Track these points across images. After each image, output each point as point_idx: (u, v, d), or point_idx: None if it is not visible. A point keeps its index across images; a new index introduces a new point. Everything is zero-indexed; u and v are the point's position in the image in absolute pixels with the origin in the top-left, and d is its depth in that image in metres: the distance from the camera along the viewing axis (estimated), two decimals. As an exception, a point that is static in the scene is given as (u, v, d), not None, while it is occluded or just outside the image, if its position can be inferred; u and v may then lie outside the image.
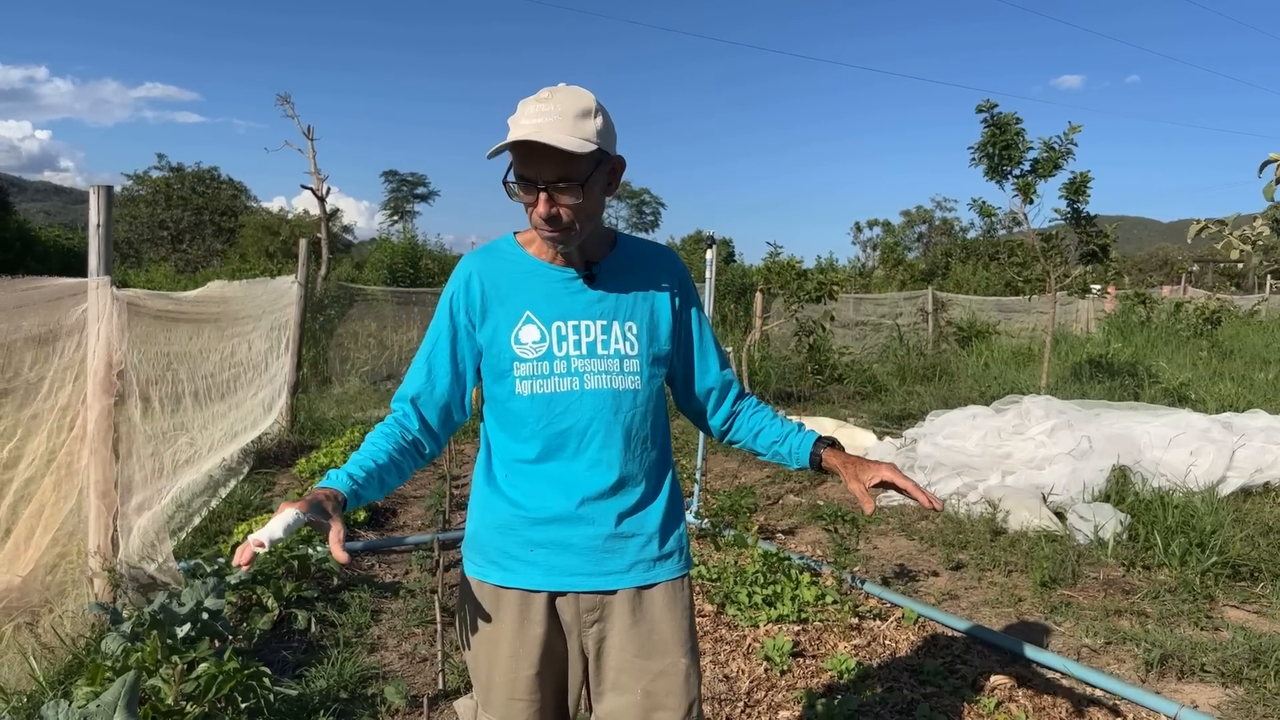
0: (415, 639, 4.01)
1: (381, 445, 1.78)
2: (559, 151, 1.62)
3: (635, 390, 1.83)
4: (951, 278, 29.64)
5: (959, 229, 46.43)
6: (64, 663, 3.43)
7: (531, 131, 1.61)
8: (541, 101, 1.66)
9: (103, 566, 3.91)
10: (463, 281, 1.83)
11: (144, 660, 3.08)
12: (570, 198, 1.67)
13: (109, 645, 3.17)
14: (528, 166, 1.66)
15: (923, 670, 3.61)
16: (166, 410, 4.80)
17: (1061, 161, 8.75)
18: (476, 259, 1.85)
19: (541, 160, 1.64)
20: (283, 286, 8.94)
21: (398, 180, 54.26)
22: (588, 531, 1.81)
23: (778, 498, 6.80)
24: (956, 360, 14.09)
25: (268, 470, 7.11)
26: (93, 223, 3.92)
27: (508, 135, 1.64)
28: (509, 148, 1.66)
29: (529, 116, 1.64)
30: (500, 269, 1.83)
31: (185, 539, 5.04)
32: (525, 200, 1.70)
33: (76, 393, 4.00)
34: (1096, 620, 4.19)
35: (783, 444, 1.95)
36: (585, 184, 1.68)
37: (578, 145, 1.62)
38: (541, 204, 1.67)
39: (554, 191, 1.66)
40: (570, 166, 1.65)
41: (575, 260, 1.82)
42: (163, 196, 40.03)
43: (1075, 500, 5.81)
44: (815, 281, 8.94)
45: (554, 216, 1.68)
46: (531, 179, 1.67)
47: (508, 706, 1.85)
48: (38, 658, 3.39)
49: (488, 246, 1.90)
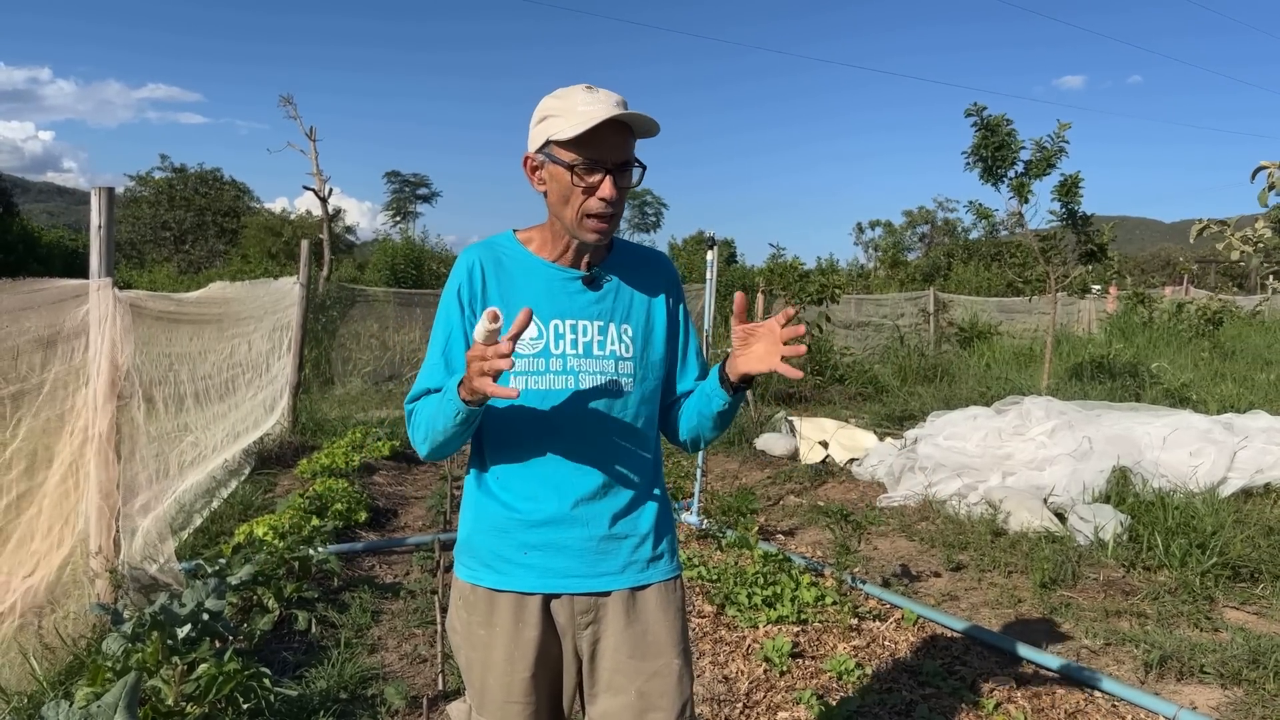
0: (415, 640, 4.02)
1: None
2: (624, 132, 1.70)
3: (629, 392, 1.84)
4: (953, 278, 29.64)
5: (961, 229, 46.39)
6: (65, 663, 3.44)
7: (618, 111, 1.66)
8: (590, 91, 1.71)
9: (105, 567, 3.92)
10: (466, 272, 1.83)
11: (145, 661, 3.09)
12: (629, 181, 1.74)
13: (110, 646, 3.19)
14: (598, 149, 1.69)
15: (922, 671, 3.62)
16: (170, 411, 4.82)
17: (1054, 160, 8.78)
18: (478, 251, 1.86)
19: (614, 142, 1.70)
20: (284, 287, 8.95)
21: (400, 181, 54.36)
22: (582, 533, 1.81)
23: (778, 499, 6.81)
24: (958, 361, 14.09)
25: (269, 471, 7.13)
26: (94, 224, 3.93)
27: (569, 123, 1.66)
28: (584, 132, 1.66)
29: (590, 104, 1.68)
30: (502, 263, 1.84)
31: (187, 539, 5.05)
32: (588, 183, 1.70)
33: (80, 395, 4.01)
34: (1096, 621, 4.19)
35: (699, 394, 1.88)
36: (636, 166, 1.76)
37: (654, 128, 1.71)
38: (607, 185, 1.70)
39: (618, 174, 1.72)
40: (631, 150, 1.73)
41: (580, 261, 1.83)
42: (165, 197, 40.16)
43: (1076, 501, 5.81)
44: (817, 283, 8.95)
45: (617, 200, 1.72)
46: (601, 160, 1.70)
47: (503, 710, 1.85)
48: (39, 658, 3.41)
49: (488, 241, 1.90)
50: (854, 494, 6.93)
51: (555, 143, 1.71)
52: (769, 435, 8.52)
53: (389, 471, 7.51)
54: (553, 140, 1.71)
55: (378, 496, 6.48)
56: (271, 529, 4.86)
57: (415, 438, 1.80)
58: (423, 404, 1.79)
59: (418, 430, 1.78)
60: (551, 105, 1.73)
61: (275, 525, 4.92)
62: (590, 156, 1.69)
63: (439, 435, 1.71)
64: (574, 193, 1.72)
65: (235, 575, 3.96)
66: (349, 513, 5.70)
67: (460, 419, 1.65)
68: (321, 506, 5.58)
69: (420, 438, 1.77)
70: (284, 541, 4.64)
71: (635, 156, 1.75)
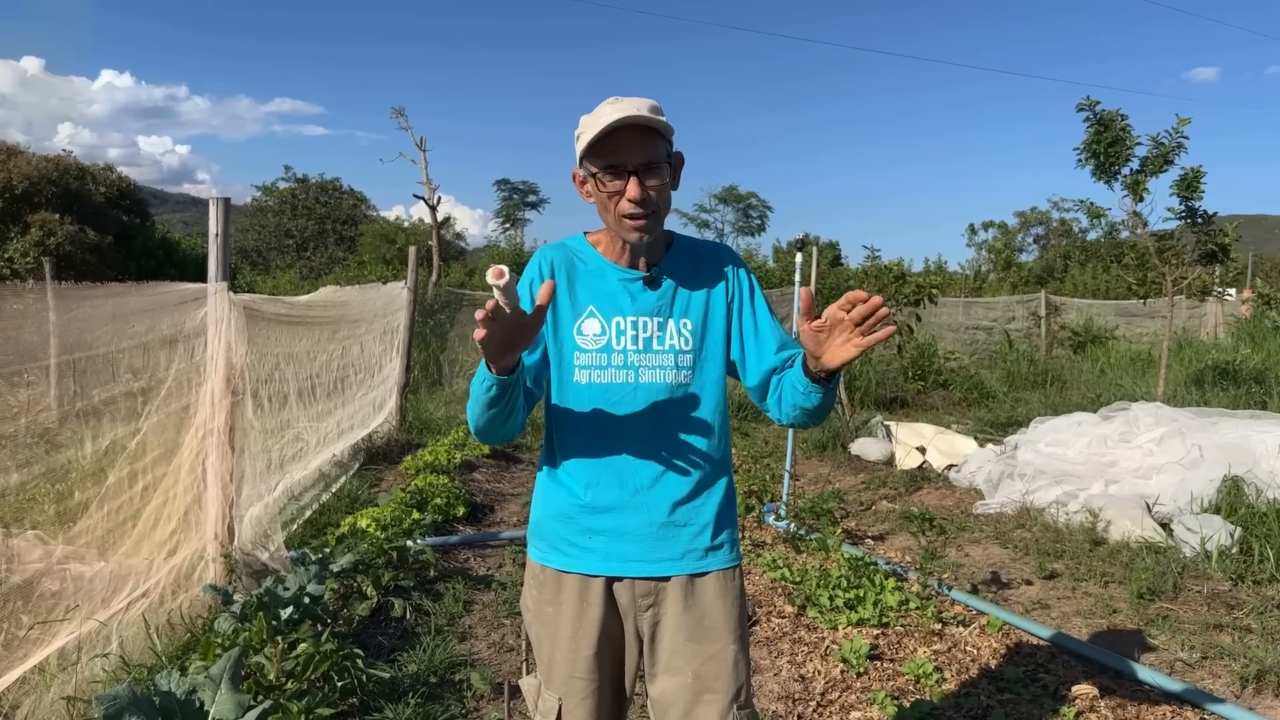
0: (504, 629, 4.18)
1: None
2: (646, 136, 1.79)
3: (687, 384, 1.92)
4: (1069, 281, 28.56)
5: (1078, 230, 44.60)
6: (183, 640, 3.71)
7: (627, 113, 1.76)
8: (614, 103, 1.82)
9: (220, 553, 4.21)
10: (538, 268, 1.97)
11: (250, 639, 3.33)
12: (656, 179, 1.82)
13: (221, 625, 3.44)
14: (616, 155, 1.80)
15: (1003, 677, 3.57)
16: (273, 408, 5.12)
17: (1172, 157, 8.40)
18: (551, 251, 2.00)
19: (631, 145, 1.79)
20: (394, 292, 9.32)
21: (509, 188, 55.56)
22: (642, 519, 1.90)
23: (870, 503, 6.75)
24: (1070, 366, 13.62)
25: (376, 467, 7.45)
26: (212, 232, 4.22)
27: (590, 134, 1.78)
28: (595, 143, 1.79)
29: (609, 115, 1.78)
30: (571, 262, 1.97)
31: (296, 530, 5.35)
32: (611, 190, 1.82)
33: (200, 390, 4.32)
34: (1195, 634, 4.04)
35: (791, 389, 1.86)
36: (667, 165, 1.84)
37: (664, 126, 1.81)
38: (633, 187, 1.80)
39: (642, 174, 1.80)
40: (654, 149, 1.81)
41: (638, 261, 1.93)
42: (289, 206, 42.05)
43: (1182, 511, 5.59)
44: (913, 285, 8.82)
45: (646, 198, 1.81)
46: (620, 165, 1.80)
47: (568, 684, 1.96)
48: (162, 635, 3.69)
49: (561, 242, 2.04)
50: (949, 500, 6.82)
51: (583, 156, 1.84)
52: (864, 440, 8.44)
53: (488, 469, 7.75)
54: (581, 154, 1.84)
55: (476, 492, 6.70)
56: (374, 521, 5.11)
57: (469, 417, 1.89)
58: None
59: (468, 410, 1.87)
60: (583, 122, 1.85)
61: (377, 517, 5.17)
62: (610, 163, 1.80)
63: (478, 409, 1.80)
64: (606, 199, 1.83)
65: (336, 563, 4.19)
66: (447, 507, 5.93)
67: (488, 387, 1.72)
68: (422, 501, 5.82)
69: (471, 417, 1.86)
70: (384, 533, 4.87)
71: (669, 152, 1.85)
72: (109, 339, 5.01)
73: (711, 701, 1.90)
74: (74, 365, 5.72)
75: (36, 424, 5.99)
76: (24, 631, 3.49)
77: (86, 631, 3.57)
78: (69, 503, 4.44)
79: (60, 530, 4.21)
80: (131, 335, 4.82)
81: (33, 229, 21.10)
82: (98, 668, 3.41)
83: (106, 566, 4.00)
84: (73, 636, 3.53)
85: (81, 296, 5.47)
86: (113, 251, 23.22)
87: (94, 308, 5.16)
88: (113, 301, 5.08)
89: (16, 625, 3.54)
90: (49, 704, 3.15)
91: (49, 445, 5.68)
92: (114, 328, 4.96)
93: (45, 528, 4.37)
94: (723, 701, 1.90)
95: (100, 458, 4.62)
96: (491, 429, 1.84)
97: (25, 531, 4.37)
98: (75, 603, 3.73)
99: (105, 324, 4.98)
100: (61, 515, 4.36)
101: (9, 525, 4.45)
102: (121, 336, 4.92)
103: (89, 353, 5.20)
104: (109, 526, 4.12)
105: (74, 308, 5.31)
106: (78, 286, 6.11)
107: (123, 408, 4.78)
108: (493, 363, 1.69)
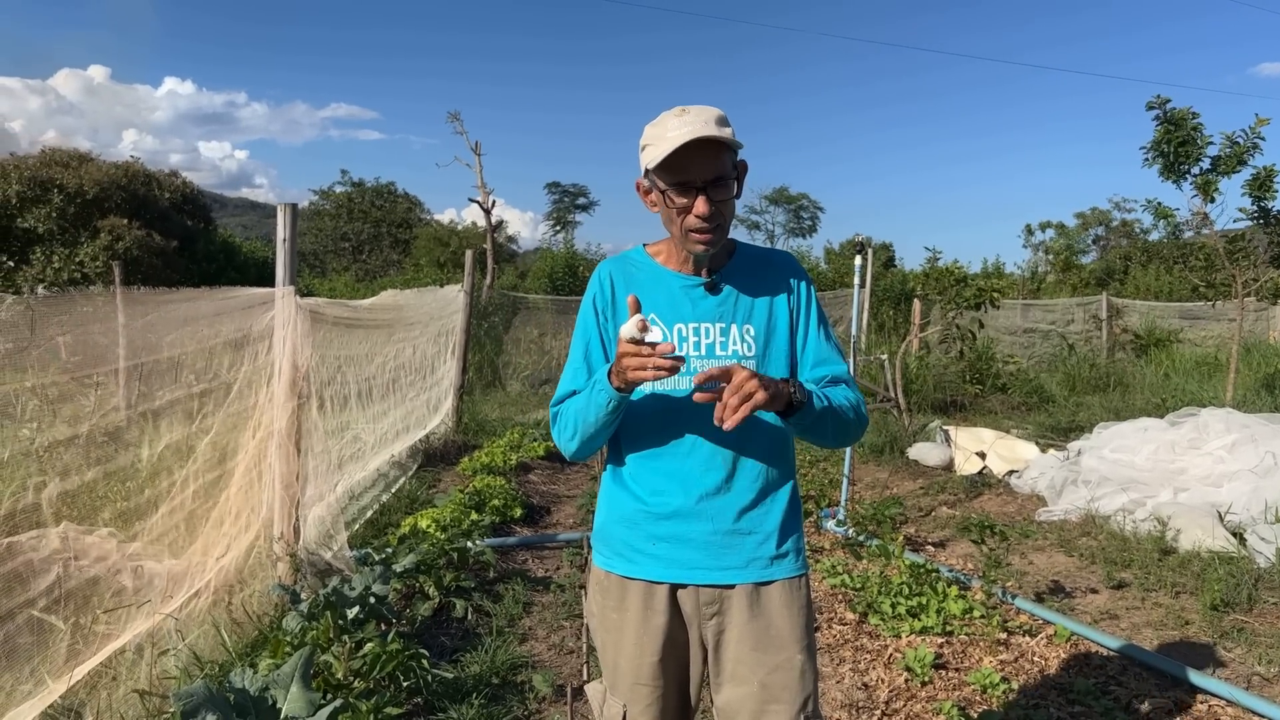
0: (564, 631, 4.19)
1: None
2: (715, 151, 1.78)
3: None
4: (1131, 282, 27.90)
5: (1139, 231, 43.54)
6: (251, 637, 3.79)
7: (697, 132, 1.75)
8: (680, 115, 1.80)
9: (286, 552, 4.28)
10: (599, 283, 1.99)
11: (318, 638, 3.38)
12: (725, 194, 1.82)
13: (289, 623, 3.50)
14: (685, 171, 1.79)
15: (1073, 689, 3.49)
16: (334, 409, 5.20)
17: (1246, 157, 8.16)
18: (611, 264, 2.02)
19: (700, 162, 1.78)
20: (450, 295, 9.43)
21: (560, 191, 55.72)
22: (706, 527, 1.90)
23: (930, 509, 6.66)
24: (1132, 370, 13.30)
25: (434, 467, 7.53)
26: (280, 237, 4.30)
27: (658, 150, 1.78)
28: (667, 157, 1.77)
29: (678, 127, 1.77)
30: (631, 274, 1.98)
31: (358, 530, 5.43)
32: (680, 205, 1.82)
33: (265, 393, 4.41)
34: (1272, 648, 3.92)
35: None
36: (734, 178, 1.84)
37: (733, 141, 1.79)
38: (701, 204, 1.80)
39: (711, 190, 1.80)
40: (723, 165, 1.81)
41: (698, 269, 1.93)
42: (345, 210, 42.68)
43: (1256, 520, 5.43)
44: (974, 288, 8.67)
45: (714, 214, 1.81)
46: (689, 182, 1.80)
47: (632, 690, 1.95)
48: (229, 631, 3.76)
49: (621, 255, 2.06)
50: (1011, 507, 6.70)
51: (650, 170, 1.83)
52: (922, 445, 8.32)
53: (543, 471, 7.80)
54: (648, 168, 1.83)
55: (532, 494, 6.75)
56: (434, 522, 5.17)
57: (562, 437, 1.93)
58: (569, 403, 1.93)
59: (565, 429, 1.91)
60: (648, 133, 1.85)
61: (437, 518, 5.23)
62: (679, 180, 1.79)
63: (590, 427, 1.84)
64: (673, 213, 1.83)
65: (399, 563, 4.25)
66: (505, 508, 5.98)
67: (612, 406, 1.79)
68: (480, 502, 5.87)
69: (569, 435, 1.90)
70: (444, 534, 4.93)
71: (735, 163, 1.85)
72: (176, 342, 5.14)
73: (779, 711, 1.88)
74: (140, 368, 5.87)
75: (107, 424, 6.15)
76: (98, 625, 3.58)
77: (154, 627, 3.66)
78: (138, 499, 4.55)
79: (128, 526, 4.31)
80: (197, 339, 4.93)
81: (102, 234, 21.69)
82: (169, 663, 3.49)
83: (176, 563, 4.10)
84: (143, 630, 3.62)
85: (157, 301, 5.61)
86: (177, 255, 23.78)
87: (167, 312, 5.29)
88: (185, 306, 5.21)
89: (93, 620, 3.63)
90: (121, 696, 3.22)
91: (118, 445, 5.83)
92: (182, 331, 5.08)
93: (115, 524, 4.48)
94: (790, 711, 1.88)
95: (166, 457, 4.73)
96: (596, 444, 1.90)
97: (100, 529, 4.49)
98: (146, 598, 3.82)
99: (174, 328, 5.10)
100: (128, 513, 4.46)
101: (81, 522, 4.58)
102: (188, 340, 5.04)
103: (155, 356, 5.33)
104: (174, 523, 4.21)
105: (148, 312, 5.45)
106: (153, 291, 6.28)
107: (187, 409, 4.88)
108: (624, 384, 1.74)
